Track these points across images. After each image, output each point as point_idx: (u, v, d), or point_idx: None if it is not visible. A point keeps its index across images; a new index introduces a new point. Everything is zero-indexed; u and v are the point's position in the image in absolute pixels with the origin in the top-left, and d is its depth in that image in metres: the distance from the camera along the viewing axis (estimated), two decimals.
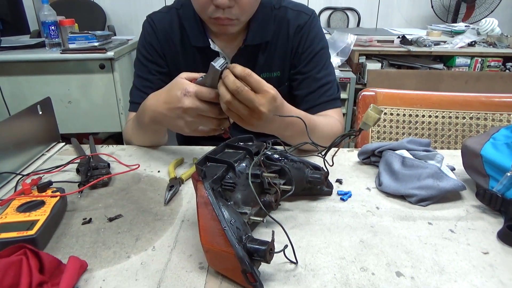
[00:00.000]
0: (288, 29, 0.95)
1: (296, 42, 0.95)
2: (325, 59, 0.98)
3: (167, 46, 0.95)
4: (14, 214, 0.54)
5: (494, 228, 0.58)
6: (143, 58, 0.96)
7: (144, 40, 0.96)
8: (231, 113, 0.65)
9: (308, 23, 0.95)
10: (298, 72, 0.97)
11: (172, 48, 0.95)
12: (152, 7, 3.69)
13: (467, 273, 0.49)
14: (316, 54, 0.96)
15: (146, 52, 0.95)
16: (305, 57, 0.96)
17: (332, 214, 0.62)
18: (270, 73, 0.98)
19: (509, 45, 2.59)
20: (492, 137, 0.65)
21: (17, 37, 2.40)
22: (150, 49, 0.95)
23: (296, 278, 0.47)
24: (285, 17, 0.95)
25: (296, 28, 0.95)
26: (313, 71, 0.96)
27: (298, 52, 0.96)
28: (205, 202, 0.48)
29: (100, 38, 2.02)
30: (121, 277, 0.47)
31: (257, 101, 0.62)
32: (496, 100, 1.08)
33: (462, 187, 0.64)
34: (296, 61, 0.97)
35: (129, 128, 0.92)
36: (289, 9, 0.96)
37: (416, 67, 2.50)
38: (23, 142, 0.77)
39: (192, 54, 0.95)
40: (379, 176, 0.71)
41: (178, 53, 0.96)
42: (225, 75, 0.62)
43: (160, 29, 0.94)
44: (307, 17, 0.96)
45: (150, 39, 0.95)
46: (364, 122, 0.59)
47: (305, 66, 0.96)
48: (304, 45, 0.95)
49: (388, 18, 3.66)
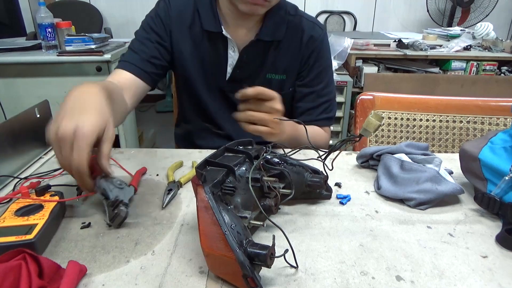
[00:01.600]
0: (302, 36, 0.98)
1: (308, 51, 0.99)
2: (330, 75, 1.04)
3: (176, 25, 0.96)
4: (12, 218, 0.54)
5: (492, 231, 0.58)
6: (147, 26, 0.97)
7: (154, 13, 0.97)
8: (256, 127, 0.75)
9: (321, 37, 1.00)
10: (304, 85, 1.01)
11: (180, 28, 0.96)
12: (148, 10, 3.69)
13: (466, 277, 0.49)
14: (324, 69, 1.01)
15: (152, 22, 0.96)
16: (314, 69, 1.00)
17: (332, 218, 0.62)
18: (276, 75, 1.00)
19: (504, 49, 2.62)
20: (490, 141, 0.66)
21: (13, 39, 2.39)
22: (158, 21, 0.96)
23: (296, 283, 0.47)
24: (300, 24, 0.98)
25: (310, 37, 0.98)
26: (319, 87, 1.00)
27: (308, 62, 0.99)
28: (205, 206, 0.48)
29: (97, 40, 2.02)
30: (120, 282, 0.47)
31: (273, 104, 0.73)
32: (492, 104, 1.09)
33: (460, 190, 0.65)
34: (304, 71, 1.00)
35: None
36: (304, 18, 0.99)
37: (412, 70, 2.51)
38: (20, 145, 0.77)
39: (200, 40, 0.96)
40: (377, 179, 0.72)
41: (185, 36, 0.97)
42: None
43: (174, 8, 0.96)
44: (321, 31, 1.00)
45: (160, 13, 0.96)
46: (364, 129, 0.59)
47: (312, 81, 1.00)
48: (316, 56, 0.99)
49: (384, 22, 3.69)
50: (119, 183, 0.61)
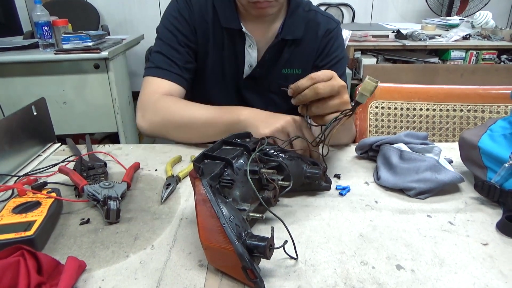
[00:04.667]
0: (317, 30, 0.98)
1: (323, 44, 0.98)
2: (344, 68, 1.03)
3: (199, 22, 0.94)
4: (10, 215, 0.54)
5: (493, 219, 0.58)
6: (173, 28, 0.93)
7: (177, 12, 0.94)
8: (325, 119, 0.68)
9: (336, 30, 1.00)
10: None
11: (203, 25, 0.94)
12: (145, 6, 3.67)
13: (467, 265, 0.49)
14: (339, 61, 1.00)
15: (178, 23, 0.93)
16: (328, 61, 0.99)
17: (331, 209, 0.61)
18: (291, 69, 1.00)
19: (503, 37, 2.60)
20: (489, 128, 0.65)
21: (10, 38, 2.38)
22: (183, 21, 0.93)
23: (296, 274, 0.47)
24: (315, 19, 0.98)
25: (326, 31, 0.98)
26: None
27: (323, 54, 0.99)
28: (203, 200, 0.47)
29: (94, 38, 2.01)
30: (120, 277, 0.47)
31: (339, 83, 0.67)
32: (493, 92, 1.08)
33: (460, 179, 0.64)
34: (319, 62, 1.00)
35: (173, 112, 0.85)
36: (319, 13, 1.00)
37: (411, 61, 2.50)
38: (18, 143, 0.77)
39: (221, 35, 0.95)
40: (377, 170, 0.71)
41: (209, 32, 0.95)
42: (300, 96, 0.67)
43: (195, 4, 0.94)
44: (335, 24, 1.00)
45: (183, 12, 0.93)
46: (361, 94, 0.59)
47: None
48: (331, 49, 0.99)
49: (382, 13, 3.66)
50: (107, 184, 0.62)
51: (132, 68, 3.06)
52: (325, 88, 0.65)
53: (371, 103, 1.10)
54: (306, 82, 0.66)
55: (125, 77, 2.29)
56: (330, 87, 0.65)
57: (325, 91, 0.65)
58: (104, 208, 0.57)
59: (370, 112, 1.10)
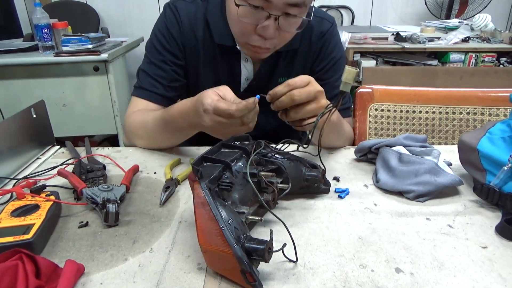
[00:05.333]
0: (311, 35, 0.96)
1: (318, 48, 0.97)
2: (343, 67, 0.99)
3: (188, 39, 0.92)
4: (8, 218, 0.54)
5: (492, 222, 0.58)
6: (160, 46, 0.92)
7: (165, 29, 0.91)
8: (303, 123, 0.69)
9: (330, 31, 0.97)
10: (317, 79, 0.98)
11: (193, 42, 0.92)
12: (145, 9, 3.67)
13: (466, 268, 0.48)
14: (336, 62, 0.98)
15: (165, 41, 0.91)
16: (325, 63, 0.98)
17: (330, 211, 0.61)
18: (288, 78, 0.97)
19: (502, 40, 2.60)
20: (488, 131, 0.65)
21: (10, 41, 2.38)
22: (170, 39, 0.91)
23: (295, 277, 0.47)
24: (308, 23, 0.94)
25: (319, 34, 0.96)
26: (332, 79, 0.98)
27: (319, 58, 0.98)
28: (202, 203, 0.47)
29: (94, 40, 2.01)
30: (119, 280, 0.47)
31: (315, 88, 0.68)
32: (492, 95, 1.08)
33: (459, 182, 0.64)
34: (315, 67, 0.99)
35: (142, 126, 0.87)
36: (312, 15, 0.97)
37: (411, 63, 2.50)
38: (17, 146, 0.76)
39: (212, 50, 0.93)
40: (376, 173, 0.71)
41: (199, 47, 0.93)
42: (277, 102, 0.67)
43: (184, 19, 0.91)
44: (329, 25, 0.97)
45: (171, 28, 0.91)
46: (344, 82, 0.60)
47: (325, 73, 0.98)
48: (326, 51, 0.97)
49: (382, 16, 3.67)
50: (106, 187, 0.62)
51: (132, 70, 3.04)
52: (301, 94, 0.66)
53: (370, 105, 1.10)
54: (283, 88, 0.67)
55: (125, 79, 2.29)
56: (306, 93, 0.67)
57: (301, 97, 0.66)
58: (103, 211, 0.57)
59: (369, 114, 1.10)
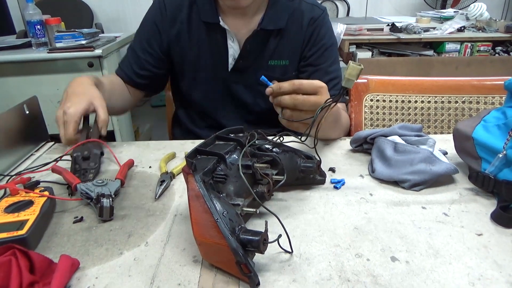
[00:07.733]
0: (302, 19, 0.97)
1: (309, 33, 0.98)
2: (335, 54, 1.02)
3: (171, 24, 0.96)
4: (2, 215, 0.53)
5: (487, 209, 0.58)
6: (143, 35, 0.99)
7: (151, 19, 0.98)
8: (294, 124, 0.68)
9: (321, 18, 0.98)
10: (309, 64, 1.00)
11: (177, 27, 0.96)
12: (139, 4, 3.64)
13: (461, 255, 0.49)
14: (328, 48, 0.99)
15: (147, 31, 0.98)
16: (316, 49, 0.98)
17: (326, 202, 0.61)
18: (278, 61, 0.99)
19: (498, 29, 2.60)
20: (483, 119, 0.65)
21: (2, 38, 2.36)
22: (154, 29, 0.97)
23: (291, 268, 0.47)
24: (299, 8, 0.97)
25: (310, 20, 0.97)
26: (325, 64, 0.99)
27: (310, 43, 0.98)
28: (196, 195, 0.47)
29: (87, 36, 1.99)
30: (114, 274, 0.47)
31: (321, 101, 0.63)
32: (487, 83, 1.08)
33: (454, 170, 0.64)
34: (307, 52, 0.99)
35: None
36: (303, 2, 0.99)
37: (406, 54, 2.50)
38: (10, 142, 0.76)
39: (197, 30, 0.96)
40: (371, 163, 0.71)
41: (183, 31, 0.96)
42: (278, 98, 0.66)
43: (169, 6, 0.96)
44: (320, 12, 0.99)
45: (156, 18, 0.97)
46: (347, 79, 0.59)
47: (317, 59, 0.99)
48: (317, 38, 0.98)
49: (377, 7, 3.65)
50: (100, 182, 0.62)
51: None
52: (304, 104, 0.65)
53: (366, 96, 1.10)
54: (288, 86, 0.66)
55: None
56: (311, 104, 0.65)
57: (303, 107, 0.66)
58: (97, 206, 0.57)
59: (365, 105, 1.10)
